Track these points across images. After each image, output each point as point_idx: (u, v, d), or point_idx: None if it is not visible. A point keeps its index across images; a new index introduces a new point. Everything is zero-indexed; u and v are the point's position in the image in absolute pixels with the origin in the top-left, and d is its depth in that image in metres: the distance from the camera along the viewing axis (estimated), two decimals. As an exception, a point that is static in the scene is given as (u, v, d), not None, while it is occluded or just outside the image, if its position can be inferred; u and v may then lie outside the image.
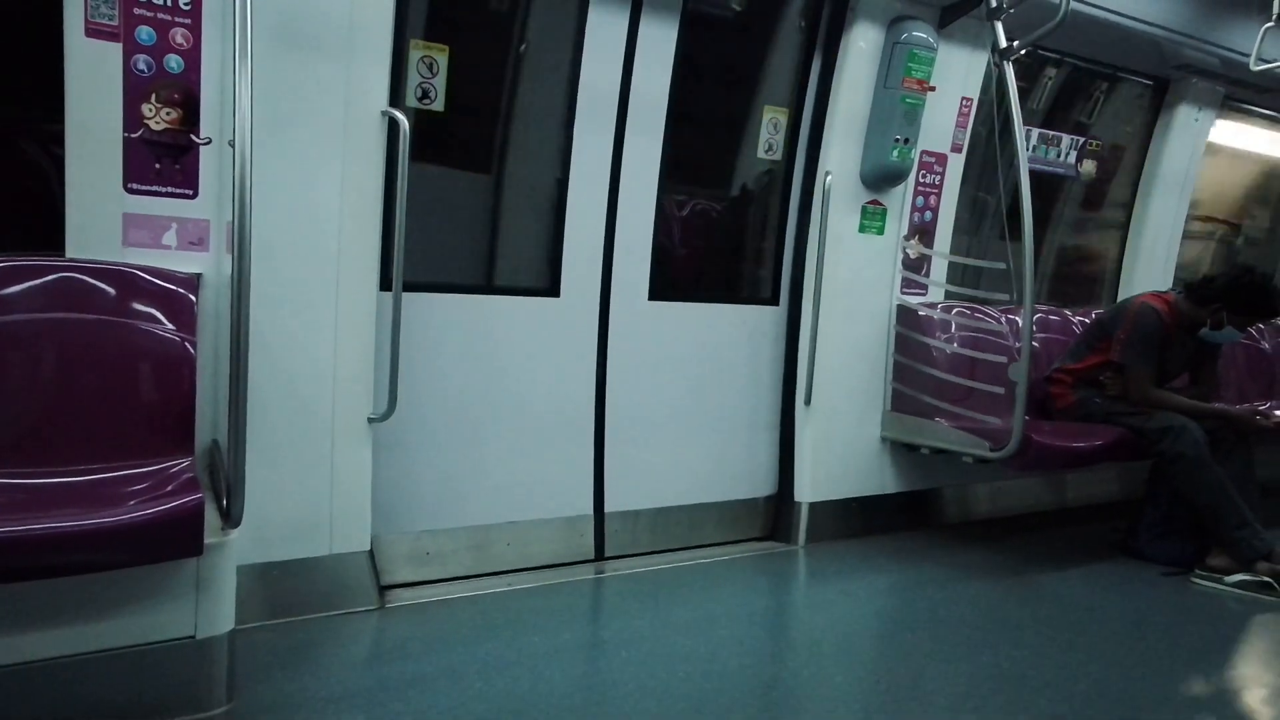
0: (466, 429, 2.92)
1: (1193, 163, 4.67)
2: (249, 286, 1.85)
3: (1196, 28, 3.93)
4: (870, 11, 3.29)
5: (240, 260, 1.83)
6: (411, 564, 2.86)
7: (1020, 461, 3.20)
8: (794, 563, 3.37)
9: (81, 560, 1.73)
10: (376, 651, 2.43)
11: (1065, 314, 4.22)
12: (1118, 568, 3.42)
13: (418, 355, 2.75)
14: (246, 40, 1.84)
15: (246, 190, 1.82)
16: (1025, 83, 4.16)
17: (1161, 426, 3.35)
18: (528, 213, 3.16)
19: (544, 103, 3.06)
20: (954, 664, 2.51)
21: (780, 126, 3.46)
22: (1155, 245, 4.67)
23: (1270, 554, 3.18)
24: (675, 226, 3.45)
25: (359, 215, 2.51)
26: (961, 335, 3.60)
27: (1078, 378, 3.66)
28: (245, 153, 1.81)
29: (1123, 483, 4.38)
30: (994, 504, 4.04)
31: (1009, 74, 3.15)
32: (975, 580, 3.19)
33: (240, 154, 1.81)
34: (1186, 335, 3.59)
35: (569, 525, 3.16)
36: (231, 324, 1.85)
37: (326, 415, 2.53)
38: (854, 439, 3.60)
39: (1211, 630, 2.88)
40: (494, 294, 3.03)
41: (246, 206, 1.82)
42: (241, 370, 1.85)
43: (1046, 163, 4.37)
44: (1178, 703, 2.31)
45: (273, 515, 2.44)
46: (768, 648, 2.68)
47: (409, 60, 2.71)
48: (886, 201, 3.51)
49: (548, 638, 2.52)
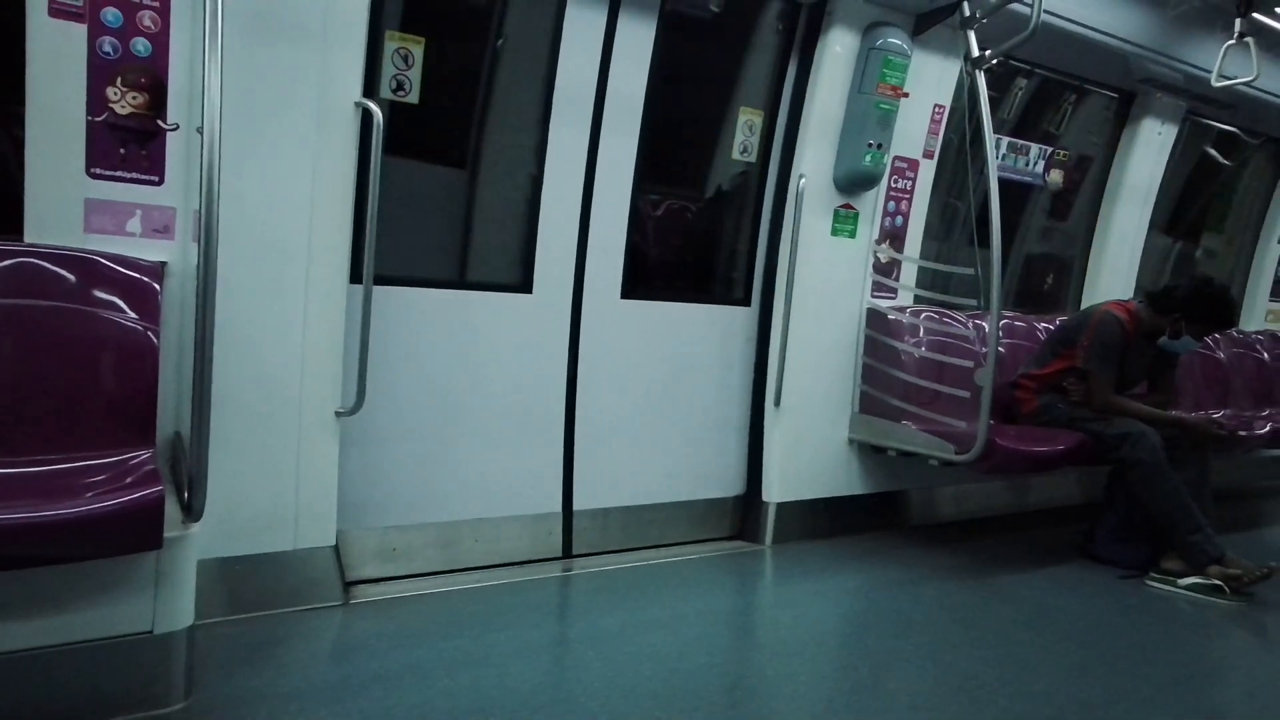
0: (436, 424, 2.90)
1: (1155, 174, 4.78)
2: (215, 276, 1.82)
3: (1162, 43, 4.02)
4: (846, 17, 3.32)
5: (207, 249, 1.80)
6: (378, 560, 2.84)
7: (985, 465, 3.25)
8: (761, 562, 3.39)
9: (37, 553, 1.69)
10: (341, 647, 2.41)
11: (1030, 320, 4.30)
12: (1076, 570, 3.49)
13: (388, 349, 2.72)
14: (217, 25, 1.81)
15: (215, 178, 1.79)
16: (996, 92, 4.23)
17: (1121, 433, 3.42)
18: (501, 208, 3.14)
19: (520, 98, 3.05)
20: (917, 663, 2.54)
21: (755, 129, 3.48)
22: (1119, 254, 4.78)
23: (1221, 558, 3.27)
24: (649, 226, 3.45)
25: (330, 206, 2.48)
26: (929, 339, 3.65)
27: (1041, 383, 3.73)
28: (214, 140, 1.78)
29: (1083, 487, 4.47)
30: (959, 506, 4.10)
31: (980, 83, 3.21)
32: (939, 581, 3.24)
33: (209, 141, 1.78)
34: (1147, 343, 3.67)
35: (538, 523, 3.15)
36: (197, 314, 1.82)
37: (293, 408, 2.50)
38: (822, 440, 3.63)
39: (1163, 631, 2.95)
40: (466, 289, 3.02)
41: (214, 195, 1.79)
42: (206, 361, 1.82)
43: (1015, 171, 4.44)
44: (1131, 700, 2.36)
45: (236, 509, 2.41)
46: (734, 646, 2.69)
47: (384, 51, 2.68)
48: (859, 205, 3.55)
49: (515, 635, 2.51)
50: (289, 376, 2.48)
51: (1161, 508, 3.35)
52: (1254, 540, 4.14)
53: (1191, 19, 3.98)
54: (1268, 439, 4.35)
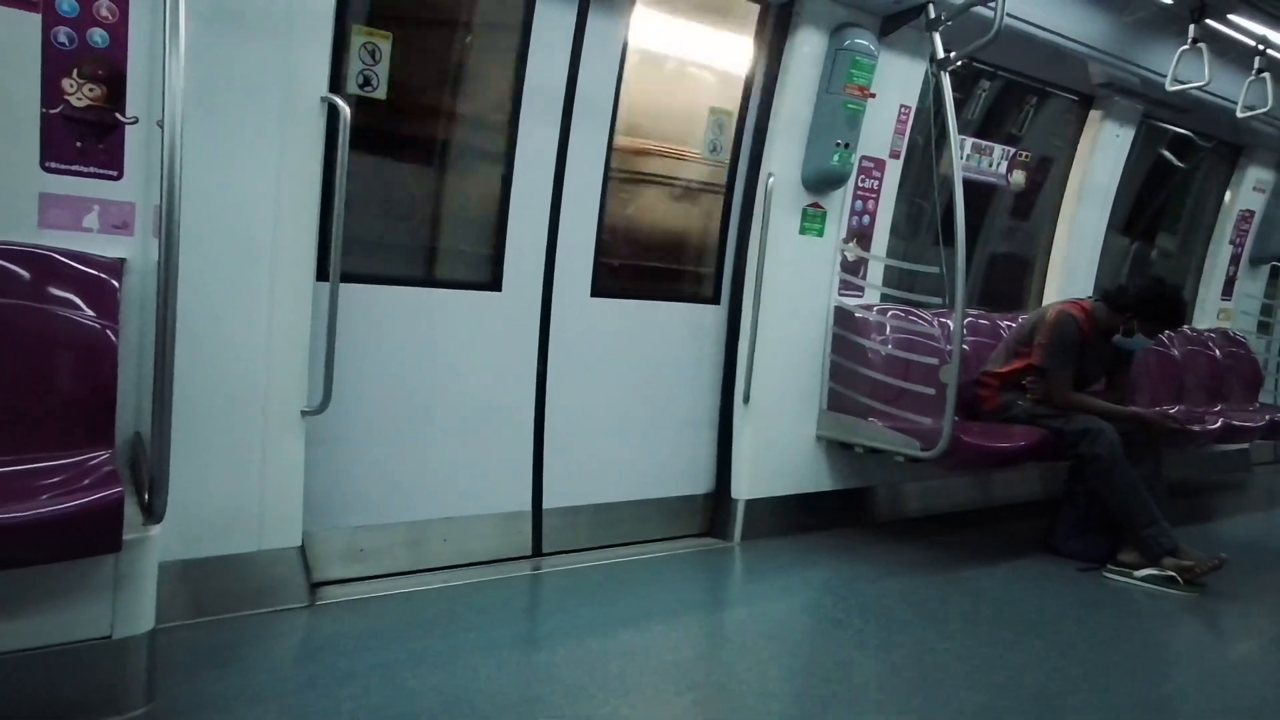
0: (404, 423, 2.88)
1: (1114, 176, 4.90)
2: (177, 273, 1.78)
3: (1119, 48, 4.12)
4: (814, 18, 3.35)
5: (168, 246, 1.76)
6: (345, 560, 2.80)
7: (949, 461, 3.31)
8: (730, 559, 3.41)
9: (-9, 556, 1.64)
10: (306, 649, 2.38)
11: (994, 318, 4.38)
12: (1038, 564, 3.57)
13: (355, 347, 2.69)
14: (178, 16, 1.77)
15: (176, 173, 1.75)
16: (961, 93, 4.30)
17: (1079, 429, 3.50)
18: (470, 205, 3.12)
19: (489, 95, 3.03)
20: (884, 656, 2.58)
21: (725, 127, 3.50)
22: (1078, 254, 4.88)
23: (1175, 550, 3.36)
24: (619, 223, 3.45)
25: (296, 203, 2.44)
26: (896, 337, 3.70)
27: (1003, 381, 3.80)
28: (175, 134, 1.75)
29: (1044, 482, 4.57)
30: (924, 502, 4.17)
31: (946, 84, 3.26)
32: (905, 576, 3.29)
33: (170, 135, 1.75)
34: (1103, 341, 3.77)
35: (507, 521, 3.14)
36: (158, 312, 1.78)
37: (258, 407, 2.46)
38: (791, 437, 3.66)
39: (1120, 622, 3.03)
40: (435, 287, 2.99)
41: (176, 190, 1.76)
42: (167, 360, 1.78)
43: (979, 172, 4.52)
44: (1088, 689, 2.42)
45: (199, 510, 2.36)
46: (703, 642, 2.71)
47: (351, 46, 2.64)
48: (826, 204, 3.58)
49: (484, 634, 2.50)
50: (253, 375, 2.44)
51: (1118, 502, 3.43)
52: (1206, 532, 4.26)
53: (1147, 24, 4.08)
54: (1219, 434, 4.49)
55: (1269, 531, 4.88)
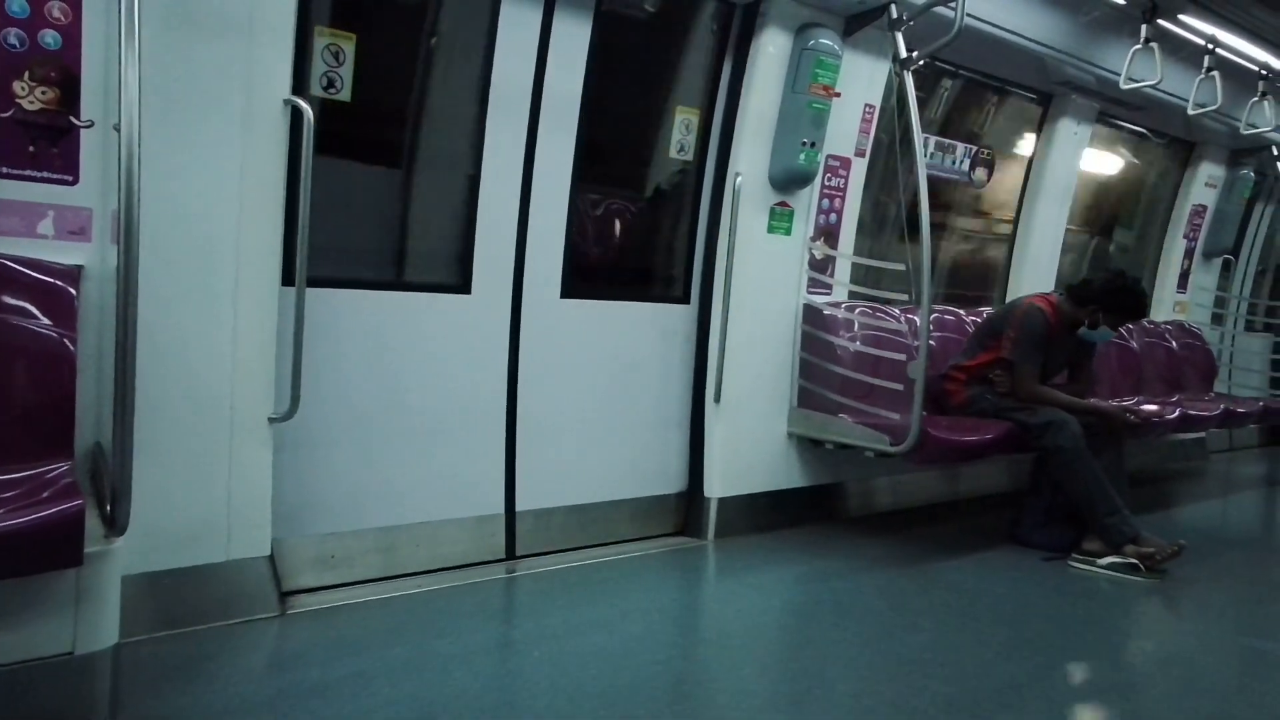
0: (374, 428, 2.85)
1: (1073, 172, 5.00)
2: (137, 280, 1.74)
3: (1076, 47, 4.21)
4: (779, 18, 3.38)
5: (127, 252, 1.72)
6: (316, 568, 2.77)
7: (918, 456, 3.35)
8: (704, 557, 3.43)
9: (-55, 574, 1.60)
10: (277, 660, 2.35)
11: (960, 313, 4.45)
12: (1005, 554, 3.63)
13: (323, 353, 2.66)
14: (133, 17, 1.73)
15: (134, 178, 1.71)
16: (924, 93, 4.36)
17: (1044, 421, 3.57)
18: (438, 208, 3.10)
19: (456, 96, 3.01)
20: (856, 650, 2.61)
21: (692, 127, 3.51)
22: (1041, 249, 4.98)
23: (1137, 538, 3.44)
24: (588, 224, 3.45)
25: (260, 207, 2.40)
26: (864, 334, 3.73)
27: (970, 375, 3.86)
28: (132, 138, 1.71)
29: (1011, 475, 4.65)
30: (894, 496, 4.22)
31: (909, 83, 3.30)
32: (877, 570, 3.33)
33: (127, 139, 1.71)
34: (1067, 334, 3.84)
35: (480, 525, 3.12)
36: (117, 319, 1.74)
37: (224, 415, 2.42)
38: (762, 435, 3.69)
39: (1085, 609, 3.09)
40: (403, 290, 2.97)
41: (134, 195, 1.72)
42: (129, 368, 1.74)
43: (943, 169, 4.58)
44: (1055, 676, 2.47)
45: (165, 521, 2.32)
46: (678, 642, 2.72)
47: (314, 48, 2.61)
48: (794, 203, 3.61)
49: (458, 639, 2.48)
50: (218, 382, 2.40)
51: (1081, 492, 3.50)
52: (1165, 519, 4.37)
53: (1102, 24, 4.17)
54: (1177, 423, 4.61)
55: (1225, 517, 5.02)
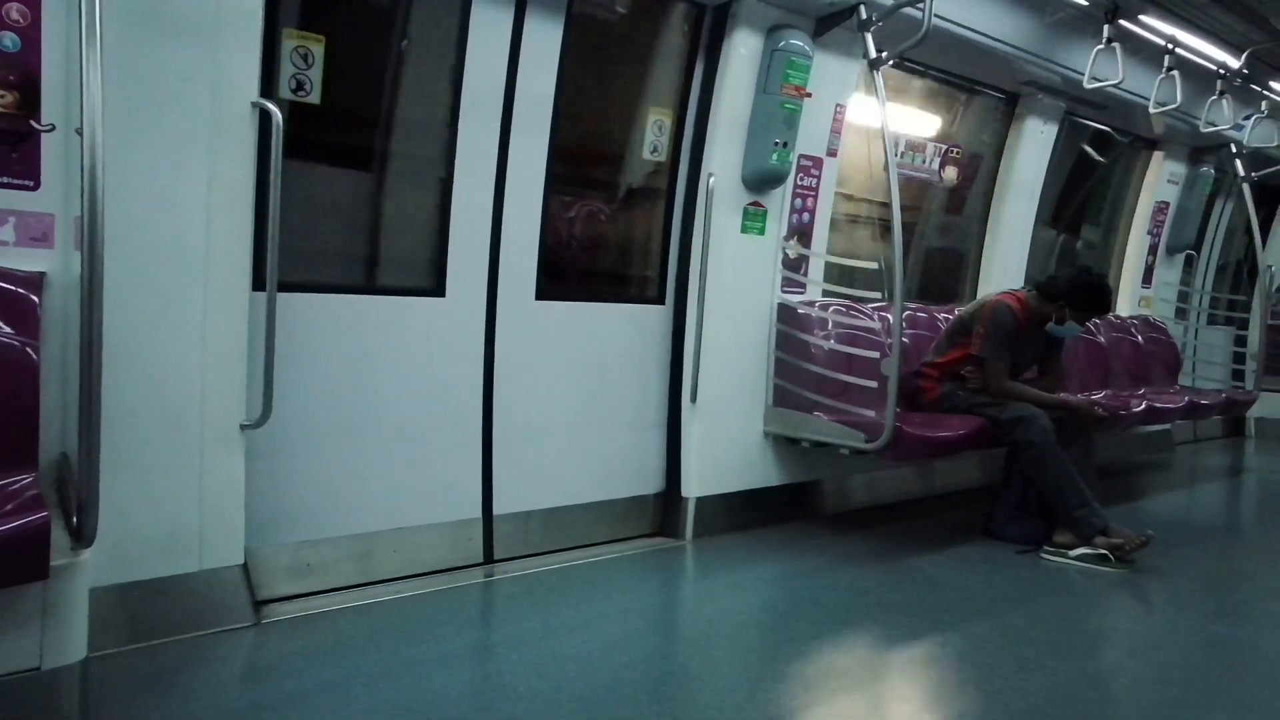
0: (349, 434, 2.82)
1: (1040, 171, 5.08)
2: (102, 286, 1.71)
3: (1041, 47, 4.28)
4: (749, 19, 3.39)
5: (91, 258, 1.69)
6: (291, 576, 2.74)
7: (893, 452, 3.39)
8: (682, 557, 3.44)
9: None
10: (252, 670, 2.31)
11: (932, 311, 4.50)
12: (979, 548, 3.68)
13: (296, 358, 2.63)
14: (95, 19, 1.70)
15: (97, 183, 1.68)
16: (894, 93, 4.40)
17: (1014, 416, 3.62)
18: (411, 211, 3.07)
19: (427, 98, 2.99)
20: (834, 647, 2.63)
21: (665, 128, 3.52)
22: (1009, 247, 5.05)
23: (1106, 529, 3.50)
24: (562, 226, 3.44)
25: (228, 212, 2.37)
26: (838, 332, 3.77)
27: (942, 372, 3.91)
28: (95, 142, 1.68)
29: (983, 470, 4.71)
30: (870, 493, 4.26)
31: (879, 83, 3.33)
32: (854, 566, 3.36)
33: (90, 143, 1.68)
34: (1036, 330, 3.90)
35: (457, 529, 3.10)
36: (82, 327, 1.71)
37: (194, 423, 2.38)
38: (738, 434, 3.70)
39: (1058, 601, 3.14)
40: (376, 294, 2.94)
41: (98, 200, 1.69)
42: (94, 377, 1.71)
43: (913, 168, 4.63)
44: (1030, 668, 2.51)
45: (134, 531, 2.28)
46: (657, 642, 2.72)
47: (282, 50, 2.58)
48: (767, 203, 3.63)
49: (436, 645, 2.47)
50: (188, 390, 2.36)
51: (1051, 485, 3.56)
52: (1134, 510, 4.45)
53: (1066, 25, 4.24)
54: (1143, 416, 4.70)
55: (1191, 507, 5.13)
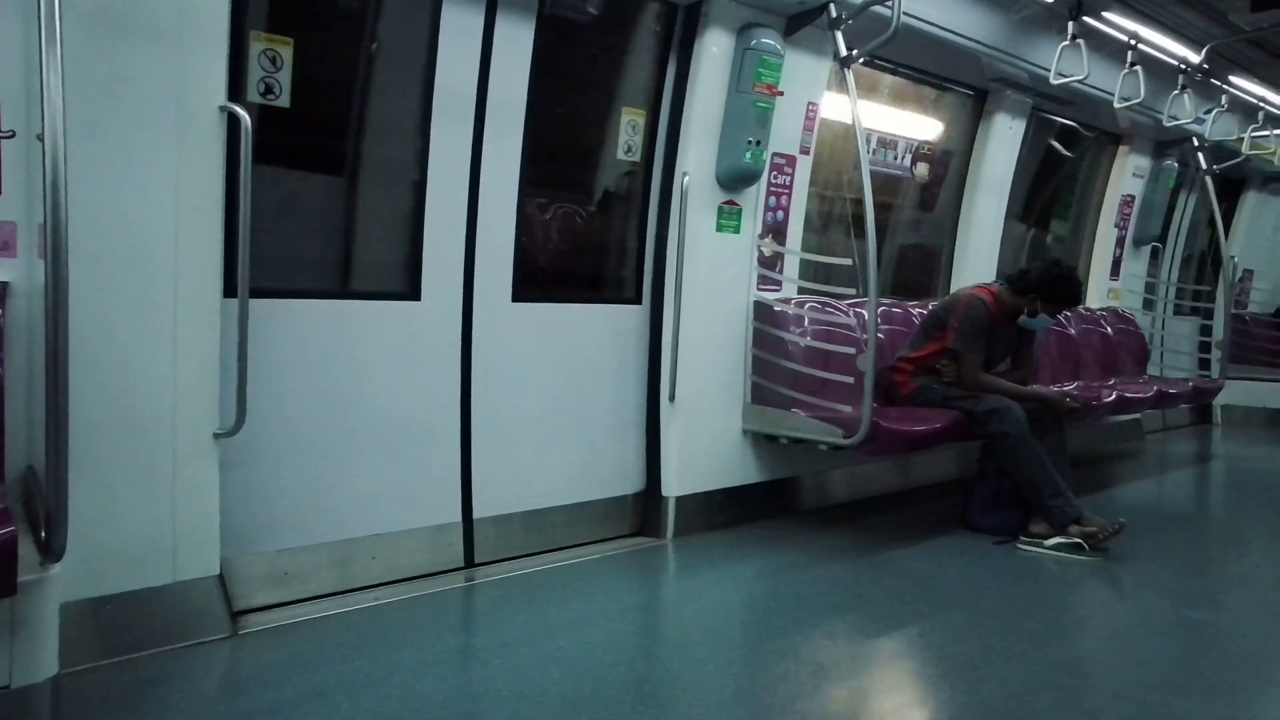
0: (325, 440, 2.79)
1: (1009, 166, 5.14)
2: (67, 295, 1.68)
3: (1008, 44, 4.33)
4: (721, 18, 3.40)
5: (55, 267, 1.66)
6: (269, 586, 2.70)
7: (870, 447, 3.41)
8: (663, 556, 3.44)
9: None
10: (230, 682, 2.28)
11: (906, 305, 4.54)
12: (957, 540, 3.72)
13: (270, 365, 2.59)
14: (54, 22, 1.67)
15: (60, 190, 1.65)
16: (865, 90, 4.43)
17: (989, 409, 3.67)
18: (385, 215, 3.05)
19: (399, 101, 2.96)
20: (815, 642, 2.65)
21: (638, 128, 3.52)
22: (981, 241, 5.11)
23: (1080, 518, 3.56)
24: (537, 227, 3.43)
25: (197, 216, 2.34)
26: (814, 329, 3.79)
27: (918, 366, 3.95)
28: (57, 148, 1.65)
29: (960, 463, 4.76)
30: (849, 488, 4.29)
31: (850, 81, 3.36)
32: (834, 561, 3.38)
33: (52, 150, 1.65)
34: (1008, 323, 3.95)
35: (437, 534, 3.08)
36: (47, 337, 1.68)
37: (166, 432, 2.34)
38: (717, 432, 3.71)
39: (1034, 589, 3.19)
40: (351, 298, 2.91)
41: (61, 208, 1.66)
42: (61, 388, 1.68)
43: (885, 165, 4.67)
44: (1007, 656, 2.54)
45: (106, 544, 2.24)
46: (640, 642, 2.72)
47: (250, 52, 2.54)
48: (741, 201, 3.65)
49: (418, 651, 2.45)
50: (159, 399, 2.32)
51: (1026, 476, 3.61)
52: (1106, 499, 4.52)
53: (1032, 22, 4.30)
54: (1114, 406, 4.78)
55: (1161, 495, 5.22)
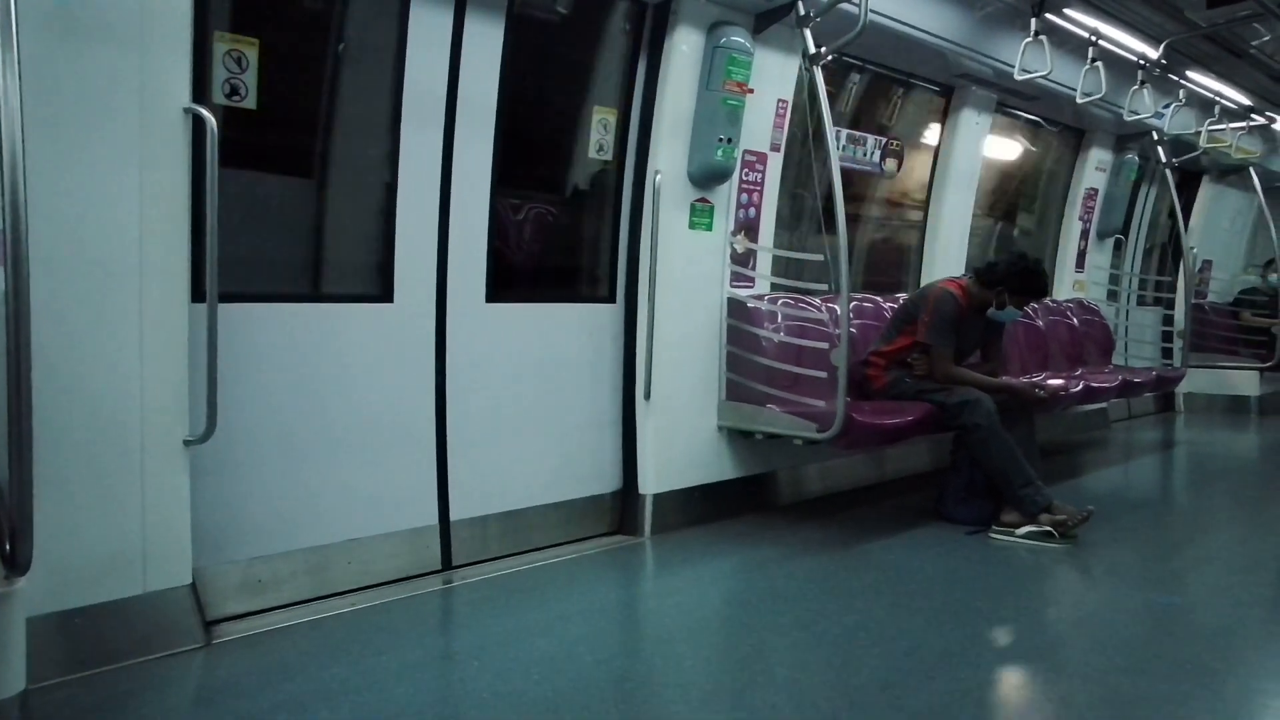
0: (298, 445, 2.76)
1: (977, 160, 5.22)
2: (29, 302, 1.65)
3: (973, 40, 4.40)
4: (690, 16, 3.41)
5: (16, 274, 1.63)
6: (243, 594, 2.67)
7: (844, 441, 3.45)
8: (641, 554, 3.45)
9: None
10: (204, 692, 2.25)
11: (878, 300, 4.59)
12: (930, 531, 3.77)
13: (241, 370, 2.56)
14: (10, 20, 1.64)
15: (19, 195, 1.62)
16: (834, 87, 4.47)
17: (960, 401, 3.72)
18: (355, 216, 3.02)
19: (368, 101, 2.94)
20: (793, 634, 2.67)
21: (610, 127, 3.52)
22: (950, 235, 5.18)
23: (1049, 506, 3.62)
24: (510, 227, 3.42)
25: (163, 221, 2.30)
26: (787, 325, 3.81)
27: (890, 359, 3.99)
28: (16, 153, 1.62)
29: (933, 455, 4.82)
30: (824, 482, 4.33)
31: (819, 78, 3.38)
32: (810, 555, 3.41)
33: (10, 155, 1.62)
34: (977, 316, 4.01)
35: (414, 537, 3.06)
36: (8, 345, 1.65)
37: (134, 440, 2.30)
38: (693, 429, 3.73)
39: (1006, 578, 3.24)
40: (322, 301, 2.88)
41: (20, 214, 1.63)
42: (24, 396, 1.65)
43: (855, 161, 4.71)
44: (981, 643, 2.59)
45: (73, 556, 2.20)
46: (620, 640, 2.73)
47: (214, 54, 2.51)
48: (713, 199, 3.66)
49: (396, 656, 2.43)
50: (126, 406, 2.28)
51: (996, 466, 3.67)
52: (1075, 487, 4.61)
53: (996, 19, 4.37)
54: (1081, 396, 4.87)
55: (1128, 482, 5.33)
